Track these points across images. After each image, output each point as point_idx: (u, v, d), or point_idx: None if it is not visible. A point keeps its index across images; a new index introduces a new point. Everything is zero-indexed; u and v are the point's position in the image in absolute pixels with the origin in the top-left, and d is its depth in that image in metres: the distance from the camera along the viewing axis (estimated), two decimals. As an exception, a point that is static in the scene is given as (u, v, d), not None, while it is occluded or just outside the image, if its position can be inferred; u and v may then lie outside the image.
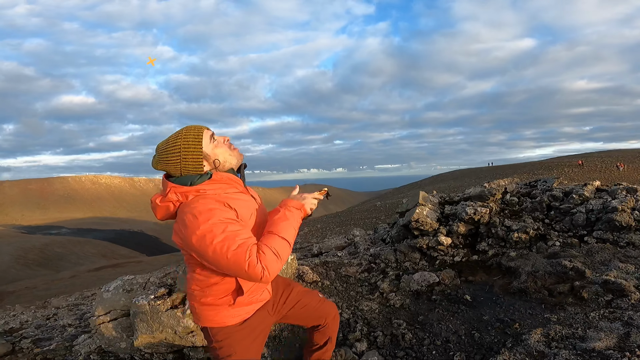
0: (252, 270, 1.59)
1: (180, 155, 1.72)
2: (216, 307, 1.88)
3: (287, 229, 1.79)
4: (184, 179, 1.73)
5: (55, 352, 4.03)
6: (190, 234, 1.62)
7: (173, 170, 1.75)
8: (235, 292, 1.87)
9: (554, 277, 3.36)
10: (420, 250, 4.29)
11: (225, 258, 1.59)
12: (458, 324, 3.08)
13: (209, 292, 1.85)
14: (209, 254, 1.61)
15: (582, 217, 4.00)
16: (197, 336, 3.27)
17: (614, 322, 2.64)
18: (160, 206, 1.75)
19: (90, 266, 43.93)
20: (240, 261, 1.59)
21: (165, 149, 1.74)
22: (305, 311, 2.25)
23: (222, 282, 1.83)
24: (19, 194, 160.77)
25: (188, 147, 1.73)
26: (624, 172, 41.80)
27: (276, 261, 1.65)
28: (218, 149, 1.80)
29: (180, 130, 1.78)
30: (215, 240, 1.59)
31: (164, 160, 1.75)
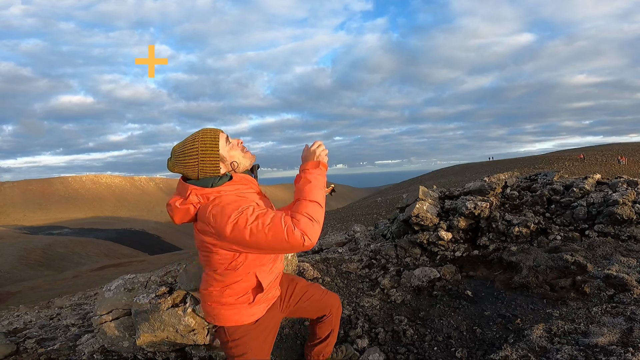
0: (293, 239, 1.60)
1: (198, 158, 1.75)
2: (236, 306, 1.91)
3: (313, 191, 1.79)
4: (205, 181, 1.76)
5: (59, 352, 4.03)
6: (223, 226, 1.63)
7: (190, 172, 1.77)
8: (254, 289, 1.92)
9: (556, 271, 3.35)
10: (420, 246, 4.28)
11: (264, 235, 1.60)
12: (459, 319, 3.07)
13: (229, 291, 1.88)
14: (246, 237, 1.62)
15: (583, 211, 3.98)
16: (198, 334, 3.27)
17: (617, 317, 2.63)
18: (180, 209, 1.76)
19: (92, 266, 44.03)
20: (278, 233, 1.60)
21: (182, 151, 1.76)
22: (311, 303, 2.30)
23: (243, 281, 1.87)
24: (19, 194, 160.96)
25: (205, 149, 1.75)
26: (625, 166, 41.60)
27: (312, 224, 1.65)
28: (233, 151, 1.84)
29: (196, 133, 1.80)
30: (249, 222, 1.61)
31: (182, 163, 1.76)
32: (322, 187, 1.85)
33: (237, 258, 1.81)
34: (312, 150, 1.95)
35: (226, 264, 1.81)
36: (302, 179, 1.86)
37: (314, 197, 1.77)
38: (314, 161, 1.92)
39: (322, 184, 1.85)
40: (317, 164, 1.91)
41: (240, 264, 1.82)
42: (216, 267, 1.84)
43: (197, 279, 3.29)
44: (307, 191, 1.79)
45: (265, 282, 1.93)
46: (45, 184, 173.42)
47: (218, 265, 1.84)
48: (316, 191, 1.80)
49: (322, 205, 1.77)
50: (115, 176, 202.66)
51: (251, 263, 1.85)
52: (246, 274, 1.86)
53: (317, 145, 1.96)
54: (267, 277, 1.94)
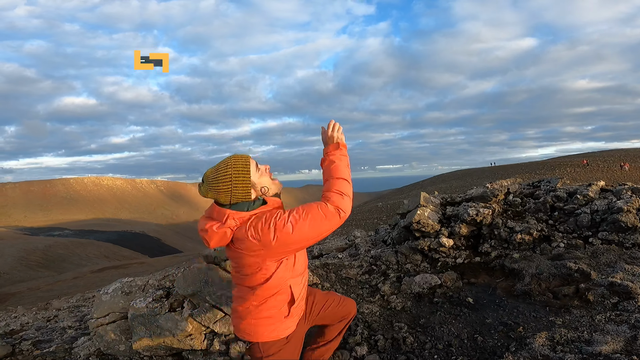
0: (329, 215, 1.79)
1: (232, 184, 1.84)
2: (273, 320, 1.99)
3: (338, 169, 1.97)
4: (240, 205, 1.86)
5: (54, 354, 4.00)
6: (266, 233, 1.75)
7: (223, 198, 1.86)
8: (289, 302, 2.01)
9: (559, 279, 3.30)
10: (421, 252, 4.24)
11: (304, 223, 1.74)
12: (460, 327, 3.03)
13: (266, 306, 1.96)
14: (290, 233, 1.74)
15: (586, 218, 3.94)
16: (195, 339, 3.23)
17: (621, 325, 2.60)
18: (218, 232, 1.83)
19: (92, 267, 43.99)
20: (316, 216, 1.76)
21: (216, 178, 1.85)
22: (331, 311, 2.39)
23: (279, 293, 1.96)
24: (21, 195, 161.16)
25: (238, 176, 1.85)
26: (627, 172, 41.24)
27: (342, 198, 1.85)
28: (263, 177, 1.94)
29: (228, 160, 1.89)
30: (286, 219, 1.75)
31: (215, 189, 1.85)
32: (346, 165, 2.02)
33: (277, 270, 1.89)
34: (330, 135, 2.09)
35: (267, 276, 1.89)
36: (327, 160, 2.04)
37: (339, 174, 1.95)
38: (334, 143, 2.08)
39: (345, 162, 2.03)
40: (337, 145, 2.07)
41: (279, 277, 1.91)
42: (256, 283, 1.91)
43: (195, 283, 3.25)
44: (333, 170, 1.97)
45: (297, 293, 2.02)
46: (46, 185, 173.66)
47: (258, 280, 1.90)
48: (341, 169, 1.98)
49: (348, 181, 1.95)
50: (116, 178, 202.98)
51: (286, 275, 1.94)
52: (282, 287, 1.95)
53: (332, 128, 2.10)
54: (298, 288, 2.04)
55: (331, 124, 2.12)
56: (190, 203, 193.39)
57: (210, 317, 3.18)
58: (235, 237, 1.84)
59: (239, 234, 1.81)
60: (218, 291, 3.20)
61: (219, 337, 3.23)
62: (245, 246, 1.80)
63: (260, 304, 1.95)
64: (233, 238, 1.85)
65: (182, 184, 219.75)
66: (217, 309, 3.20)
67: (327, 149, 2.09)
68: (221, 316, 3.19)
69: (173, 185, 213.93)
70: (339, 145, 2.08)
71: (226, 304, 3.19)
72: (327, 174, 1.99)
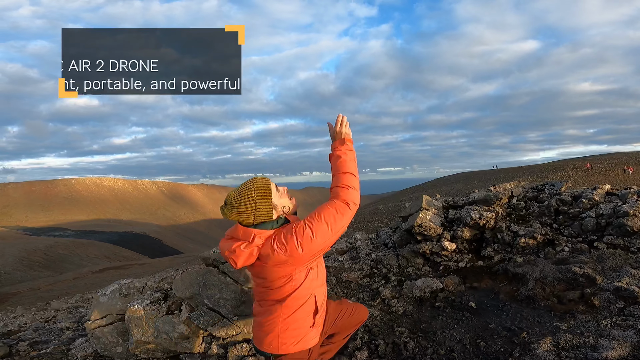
0: (342, 210, 1.93)
1: (255, 206, 1.95)
2: (300, 332, 2.07)
3: (345, 164, 2.08)
4: (265, 225, 1.97)
5: (51, 355, 3.97)
6: (290, 243, 1.86)
7: (247, 219, 1.96)
8: (314, 312, 2.11)
9: (564, 283, 3.25)
10: (423, 256, 4.18)
11: (321, 224, 1.87)
12: (463, 332, 2.97)
13: (294, 317, 2.04)
14: (311, 237, 1.85)
15: (592, 222, 3.88)
16: (192, 343, 3.18)
17: (627, 331, 2.55)
18: (245, 252, 1.93)
19: (93, 268, 43.99)
20: (331, 216, 1.89)
21: (240, 201, 1.95)
22: (344, 321, 2.47)
23: (306, 304, 2.06)
24: (23, 196, 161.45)
25: (261, 198, 1.96)
26: (630, 176, 40.79)
27: (349, 191, 1.99)
28: (282, 198, 2.05)
29: (250, 184, 1.99)
30: (305, 226, 1.87)
31: (240, 210, 1.95)
32: (352, 159, 2.12)
33: (305, 280, 2.02)
34: (338, 130, 2.18)
35: (295, 287, 2.00)
36: (334, 156, 2.14)
37: (345, 169, 2.06)
38: (340, 139, 2.17)
39: (351, 157, 2.13)
40: (342, 141, 2.16)
41: (306, 287, 2.03)
42: (285, 294, 2.01)
43: (193, 286, 3.21)
44: (339, 165, 2.08)
45: (320, 302, 2.13)
46: (48, 185, 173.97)
47: (287, 291, 2.00)
48: (347, 163, 2.08)
49: (354, 174, 2.07)
50: (118, 179, 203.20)
51: (312, 284, 2.07)
52: (308, 297, 2.06)
53: (339, 123, 2.18)
54: (321, 298, 2.15)
55: (339, 119, 2.20)
56: (191, 204, 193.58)
57: (208, 320, 3.13)
58: (260, 255, 1.93)
59: (265, 250, 1.91)
60: (216, 294, 3.15)
61: (217, 341, 3.18)
62: (273, 261, 1.90)
63: (288, 316, 2.03)
64: (259, 255, 1.94)
65: (183, 185, 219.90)
66: (215, 312, 3.15)
67: (334, 144, 2.18)
68: (219, 319, 3.14)
69: (174, 186, 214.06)
70: (344, 141, 2.16)
71: (224, 307, 3.14)
72: (334, 169, 2.10)
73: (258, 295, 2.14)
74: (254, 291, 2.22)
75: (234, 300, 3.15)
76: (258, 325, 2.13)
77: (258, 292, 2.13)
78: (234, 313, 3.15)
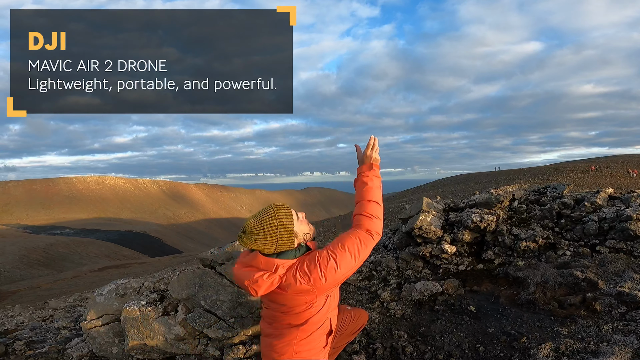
0: (365, 240, 1.94)
1: (277, 235, 1.91)
2: (314, 352, 2.06)
3: (370, 192, 2.09)
4: (287, 254, 1.94)
5: (47, 354, 3.94)
6: (317, 275, 1.85)
7: (268, 248, 1.92)
8: (328, 334, 2.13)
9: (565, 288, 3.21)
10: (423, 259, 4.14)
11: (345, 255, 1.87)
12: (462, 336, 2.93)
13: (310, 338, 2.04)
14: (338, 272, 1.85)
15: (594, 226, 3.84)
16: (188, 344, 3.15)
17: (629, 336, 2.52)
18: (266, 281, 1.90)
19: (93, 267, 44.01)
20: (354, 246, 1.90)
21: (262, 230, 1.91)
22: (347, 329, 2.46)
23: (322, 326, 2.07)
24: (23, 193, 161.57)
25: (283, 227, 1.93)
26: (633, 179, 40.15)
27: (373, 221, 2.00)
28: (302, 225, 2.01)
29: (271, 212, 1.96)
30: (329, 256, 1.86)
31: (261, 240, 1.91)
32: (378, 187, 2.13)
33: (324, 305, 2.03)
34: (368, 154, 2.18)
35: (314, 312, 2.00)
36: (359, 182, 2.15)
37: (371, 197, 2.07)
38: (367, 164, 2.17)
39: (377, 184, 2.14)
40: (370, 166, 2.16)
41: (324, 312, 2.04)
42: (304, 319, 2.00)
43: (190, 287, 3.17)
44: (365, 193, 2.09)
45: (334, 325, 2.16)
46: (49, 183, 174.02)
47: (306, 316, 2.00)
48: (372, 192, 2.09)
49: (379, 203, 2.08)
50: (119, 178, 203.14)
51: (329, 308, 2.08)
52: (325, 320, 2.08)
53: (370, 147, 2.19)
54: (335, 321, 2.18)
55: (370, 142, 2.20)
56: (192, 204, 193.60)
57: (204, 322, 3.09)
58: (281, 284, 1.91)
59: (287, 280, 1.89)
60: (213, 295, 3.11)
61: (213, 343, 3.15)
62: (294, 290, 1.89)
63: (303, 339, 2.02)
64: (279, 284, 1.92)
65: (184, 185, 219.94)
66: (211, 313, 3.11)
67: (361, 169, 2.18)
68: (215, 321, 3.11)
69: (175, 185, 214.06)
70: (372, 166, 2.16)
71: (221, 309, 3.10)
72: (359, 195, 2.11)
73: (270, 318, 2.12)
74: (263, 313, 2.21)
75: (231, 302, 3.12)
76: (269, 346, 2.11)
77: (270, 315, 2.11)
78: (230, 315, 3.11)
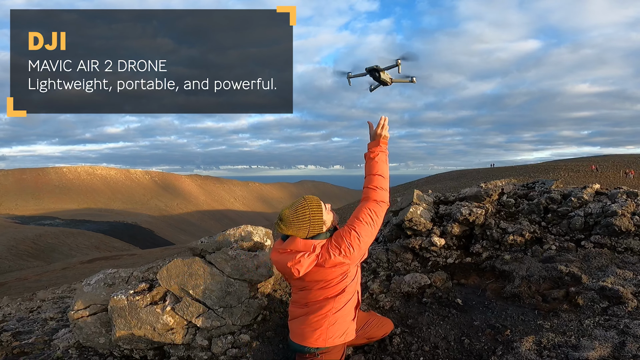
0: (376, 209, 2.33)
1: (310, 222, 2.28)
2: (345, 324, 2.38)
3: (375, 166, 2.42)
4: (321, 235, 2.31)
5: (33, 345, 3.93)
6: (344, 246, 2.22)
7: (302, 234, 2.29)
8: (356, 307, 2.47)
9: (549, 282, 3.25)
10: (412, 251, 4.17)
11: (366, 226, 2.26)
12: (448, 328, 2.96)
13: (343, 310, 2.35)
14: (362, 239, 2.23)
15: (580, 221, 3.89)
16: (176, 334, 3.15)
17: (609, 331, 2.54)
18: (307, 260, 2.23)
19: (82, 258, 43.66)
20: (368, 216, 2.28)
21: (297, 217, 2.28)
22: (369, 332, 2.69)
23: (352, 299, 2.40)
24: (13, 183, 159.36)
25: (315, 215, 2.29)
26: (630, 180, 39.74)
27: (377, 191, 2.37)
28: (328, 214, 2.38)
29: (305, 202, 2.32)
30: (353, 231, 2.24)
31: (296, 226, 2.28)
32: (384, 161, 2.45)
33: (356, 275, 2.42)
34: (378, 133, 2.48)
35: (348, 283, 2.34)
36: (367, 157, 2.48)
37: (376, 171, 2.41)
38: (375, 141, 2.48)
39: (383, 159, 2.45)
40: (377, 142, 2.47)
41: (355, 282, 2.41)
42: (339, 290, 2.32)
43: (179, 276, 3.17)
44: (371, 167, 2.43)
45: (360, 297, 2.53)
46: (39, 173, 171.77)
47: (341, 287, 2.32)
48: (378, 165, 2.42)
49: (383, 175, 2.41)
50: (110, 168, 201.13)
51: (357, 281, 2.45)
52: (354, 292, 2.42)
53: (381, 126, 2.48)
54: (359, 294, 2.53)
55: (381, 122, 2.48)
56: (184, 195, 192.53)
57: (192, 311, 3.09)
58: (318, 261, 2.24)
59: (322, 256, 2.24)
60: (201, 285, 3.11)
61: (202, 332, 3.15)
62: (330, 263, 2.22)
63: (338, 310, 2.33)
64: (316, 262, 2.25)
65: (177, 176, 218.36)
66: (200, 303, 3.11)
67: (370, 145, 2.49)
68: (204, 310, 3.11)
69: (168, 176, 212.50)
70: (379, 142, 2.46)
71: (210, 298, 3.10)
72: (367, 170, 2.45)
73: (303, 299, 2.39)
74: (294, 298, 2.49)
75: (220, 291, 3.12)
76: (302, 322, 2.38)
77: (303, 296, 2.39)
78: (219, 305, 3.11)
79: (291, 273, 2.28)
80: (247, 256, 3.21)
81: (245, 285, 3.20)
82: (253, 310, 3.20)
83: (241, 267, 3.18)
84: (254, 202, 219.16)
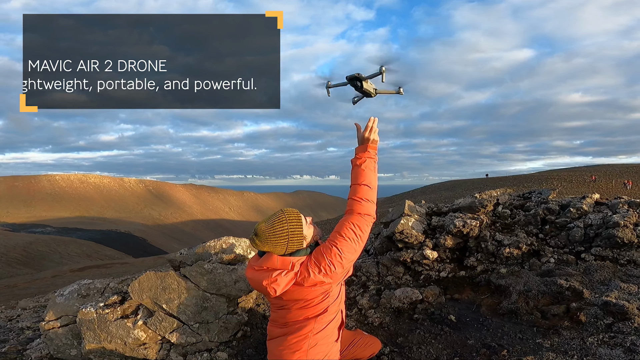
0: (360, 223, 2.09)
1: (288, 238, 2.05)
2: (327, 346, 2.17)
3: (361, 175, 2.18)
4: (300, 252, 2.08)
5: (5, 355, 3.80)
6: (325, 264, 2.01)
7: (279, 250, 2.07)
8: (339, 327, 2.26)
9: (548, 297, 3.07)
10: (404, 264, 3.98)
11: (349, 242, 2.04)
12: (440, 348, 2.77)
13: (324, 331, 2.15)
14: (344, 257, 2.02)
15: (579, 233, 3.73)
16: (149, 349, 2.93)
17: (615, 349, 2.37)
18: (284, 278, 2.02)
19: (73, 266, 43.05)
20: (351, 231, 2.06)
21: (273, 233, 2.05)
22: (355, 352, 2.51)
23: (335, 319, 2.20)
24: (5, 190, 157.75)
25: (294, 230, 2.07)
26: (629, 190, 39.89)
27: (363, 204, 2.14)
28: (309, 229, 2.14)
29: (282, 216, 2.09)
30: (334, 247, 2.02)
31: (273, 242, 2.05)
32: (371, 169, 2.21)
33: (339, 295, 2.21)
34: (366, 137, 2.24)
35: (330, 302, 2.14)
36: (353, 163, 2.25)
37: (362, 180, 2.17)
38: (363, 145, 2.24)
39: (371, 166, 2.22)
40: (365, 147, 2.23)
41: (338, 301, 2.21)
42: (321, 310, 2.12)
43: (151, 289, 2.96)
44: (357, 175, 2.19)
45: (344, 317, 2.33)
46: (31, 180, 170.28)
47: (323, 307, 2.12)
48: (365, 174, 2.19)
49: (370, 185, 2.18)
50: (103, 176, 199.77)
51: (341, 300, 2.26)
52: (337, 312, 2.22)
53: (368, 129, 2.24)
54: (344, 312, 2.33)
55: (369, 124, 2.25)
56: (178, 204, 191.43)
57: (166, 326, 2.88)
58: (297, 280, 2.04)
59: (302, 274, 2.03)
60: (175, 299, 2.90)
61: (176, 348, 2.94)
62: (310, 282, 2.02)
63: (319, 331, 2.13)
64: (295, 280, 2.05)
65: (171, 185, 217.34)
66: (174, 317, 2.90)
67: (357, 150, 2.26)
68: (179, 325, 2.90)
69: (162, 185, 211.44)
70: (367, 147, 2.23)
71: (184, 313, 2.89)
72: (353, 178, 2.22)
73: (283, 319, 2.19)
74: (273, 317, 2.27)
75: (195, 306, 2.91)
76: (280, 344, 2.17)
77: (282, 315, 2.18)
78: (194, 320, 2.91)
79: (267, 292, 2.07)
80: (225, 270, 3.02)
81: (223, 300, 3.00)
82: (232, 327, 2.99)
83: (218, 281, 2.98)
84: (249, 211, 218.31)
